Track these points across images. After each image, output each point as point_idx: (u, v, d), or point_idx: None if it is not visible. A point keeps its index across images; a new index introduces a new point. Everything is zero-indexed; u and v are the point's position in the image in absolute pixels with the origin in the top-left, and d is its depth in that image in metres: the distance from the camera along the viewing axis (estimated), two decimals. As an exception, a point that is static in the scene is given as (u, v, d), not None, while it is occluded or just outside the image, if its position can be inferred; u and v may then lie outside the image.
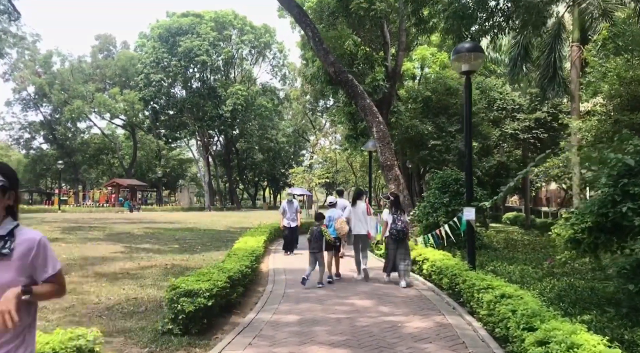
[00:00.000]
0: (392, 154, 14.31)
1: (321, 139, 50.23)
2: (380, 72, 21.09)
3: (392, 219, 8.86)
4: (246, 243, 10.69)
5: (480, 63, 7.91)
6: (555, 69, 20.11)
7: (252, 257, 8.52)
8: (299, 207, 13.84)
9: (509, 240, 13.65)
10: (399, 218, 8.82)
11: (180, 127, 52.39)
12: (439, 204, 11.65)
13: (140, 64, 49.47)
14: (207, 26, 50.79)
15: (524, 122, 25.84)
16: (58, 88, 46.47)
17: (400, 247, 8.80)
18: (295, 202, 13.88)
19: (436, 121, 22.88)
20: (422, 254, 9.76)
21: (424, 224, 12.60)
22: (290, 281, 9.04)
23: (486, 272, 7.38)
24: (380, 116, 14.73)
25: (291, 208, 13.22)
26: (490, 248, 11.72)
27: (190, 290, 5.49)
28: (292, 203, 13.40)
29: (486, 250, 11.35)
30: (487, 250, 11.46)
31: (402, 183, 14.20)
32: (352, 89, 14.50)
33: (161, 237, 16.62)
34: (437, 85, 23.66)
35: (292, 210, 13.19)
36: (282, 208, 13.33)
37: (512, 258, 9.93)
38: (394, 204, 9.08)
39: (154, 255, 11.69)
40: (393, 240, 8.85)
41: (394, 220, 8.82)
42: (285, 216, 13.09)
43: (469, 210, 7.80)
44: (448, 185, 11.96)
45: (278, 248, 13.89)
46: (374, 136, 14.46)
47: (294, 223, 13.09)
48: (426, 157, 22.58)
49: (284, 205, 13.37)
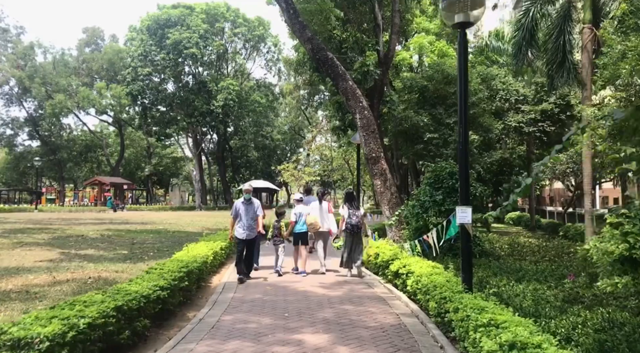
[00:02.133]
0: (378, 145, 12.29)
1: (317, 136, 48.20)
2: (372, 57, 19.07)
3: (348, 214, 9.35)
4: (192, 251, 8.69)
5: (480, 14, 5.90)
6: (565, 53, 18.08)
7: (182, 273, 6.51)
8: (260, 209, 9.02)
9: (515, 244, 11.62)
10: (354, 213, 9.35)
11: (170, 123, 50.36)
12: (431, 203, 9.63)
13: (128, 58, 47.50)
14: (198, 18, 48.79)
15: (529, 114, 23.77)
16: (39, 82, 44.36)
17: (355, 240, 9.37)
18: (256, 201, 9.10)
19: (433, 112, 20.81)
20: (406, 265, 7.75)
21: (412, 226, 10.59)
22: (237, 301, 7.07)
23: (487, 295, 5.38)
24: (364, 101, 12.71)
25: (249, 210, 8.86)
26: (493, 256, 9.69)
27: (20, 338, 3.49)
28: (250, 204, 8.88)
29: (487, 259, 9.32)
30: (489, 258, 9.43)
31: (390, 179, 12.19)
32: (332, 69, 12.49)
33: (116, 240, 14.65)
34: (434, 73, 21.60)
35: (249, 213, 8.85)
36: (234, 211, 8.96)
37: (519, 271, 7.91)
38: (349, 200, 9.58)
39: (87, 265, 9.71)
40: (349, 233, 9.36)
41: (349, 215, 9.32)
42: (237, 222, 8.86)
43: (463, 210, 5.79)
44: (442, 180, 9.95)
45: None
46: (357, 124, 12.45)
47: (252, 234, 8.87)
48: (422, 151, 20.51)
49: (237, 206, 8.93)
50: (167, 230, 18.59)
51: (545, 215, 32.65)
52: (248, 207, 8.92)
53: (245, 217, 8.88)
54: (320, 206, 10.11)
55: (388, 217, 11.92)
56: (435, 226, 9.27)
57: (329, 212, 10.19)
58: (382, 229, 17.76)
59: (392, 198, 11.88)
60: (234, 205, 9.11)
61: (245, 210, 8.90)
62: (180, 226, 21.38)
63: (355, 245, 9.34)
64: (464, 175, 5.90)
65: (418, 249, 8.61)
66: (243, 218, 8.88)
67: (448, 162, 10.49)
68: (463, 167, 5.90)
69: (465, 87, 6.09)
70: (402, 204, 12.23)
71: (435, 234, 7.87)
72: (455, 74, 21.40)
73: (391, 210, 11.76)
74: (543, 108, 23.68)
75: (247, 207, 8.91)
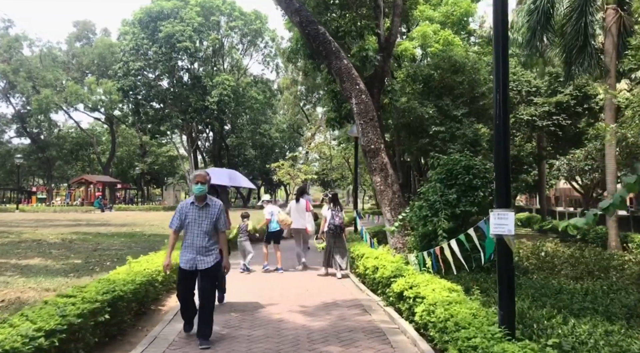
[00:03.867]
0: (378, 135, 10.41)
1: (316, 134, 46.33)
2: (371, 41, 17.16)
3: (331, 215, 9.56)
4: (142, 265, 6.83)
5: None
6: (587, 37, 16.19)
7: (97, 304, 4.63)
8: (224, 219, 5.38)
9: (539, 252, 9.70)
10: (336, 214, 9.59)
11: (163, 120, 48.47)
12: (442, 204, 7.74)
13: (120, 52, 45.62)
14: (192, 11, 46.89)
15: (542, 106, 21.90)
16: (24, 76, 42.42)
17: (337, 240, 9.51)
18: (217, 203, 5.26)
19: (439, 104, 18.92)
20: (413, 286, 5.89)
21: (419, 232, 8.69)
22: (184, 338, 5.21)
23: (542, 347, 3.49)
24: (362, 83, 10.81)
25: (203, 218, 5.17)
26: (519, 269, 7.80)
27: None
28: (206, 208, 5.20)
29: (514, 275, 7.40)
30: (516, 274, 7.52)
31: (392, 175, 10.30)
32: (324, 46, 10.61)
33: (77, 246, 12.81)
34: (440, 61, 19.70)
35: (203, 223, 5.15)
36: (175, 218, 5.25)
37: (561, 293, 6.03)
38: (332, 201, 9.86)
39: (15, 280, 7.87)
40: (331, 234, 9.51)
41: (332, 216, 9.55)
42: (185, 240, 5.21)
43: (502, 216, 3.92)
44: (456, 175, 8.06)
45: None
46: (352, 110, 10.57)
47: (207, 259, 5.12)
48: (427, 146, 18.62)
49: (181, 210, 5.24)
50: (142, 234, 16.73)
51: (554, 216, 30.75)
52: (202, 212, 5.10)
53: (196, 230, 5.06)
54: (297, 204, 10.30)
55: (389, 220, 10.04)
56: (447, 232, 7.40)
57: (307, 210, 10.37)
58: (381, 232, 15.87)
59: (394, 197, 10.00)
60: (178, 208, 5.25)
61: (196, 217, 5.10)
62: (162, 228, 19.53)
63: (336, 247, 9.49)
64: (503, 162, 4.01)
65: (428, 265, 6.72)
66: (192, 232, 5.08)
67: (463, 154, 8.59)
68: (502, 150, 4.01)
69: (504, 41, 4.19)
70: (406, 205, 10.35)
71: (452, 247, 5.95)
72: (463, 61, 19.51)
73: (393, 212, 9.88)
74: (558, 100, 21.80)
75: (199, 212, 5.11)
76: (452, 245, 5.86)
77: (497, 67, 4.11)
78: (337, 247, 9.51)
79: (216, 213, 5.20)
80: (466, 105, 18.82)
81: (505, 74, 4.10)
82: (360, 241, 11.52)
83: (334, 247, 9.49)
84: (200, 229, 5.12)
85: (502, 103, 4.05)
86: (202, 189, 5.15)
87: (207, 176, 5.27)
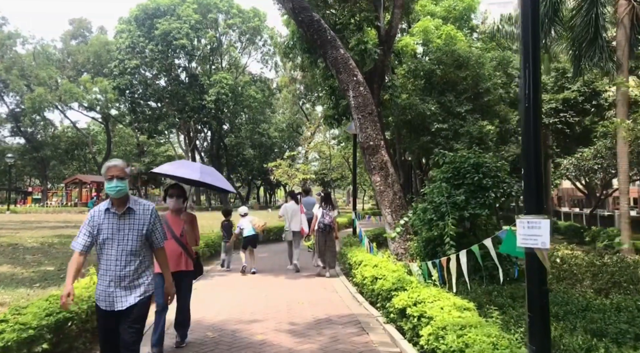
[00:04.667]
0: (378, 131, 9.58)
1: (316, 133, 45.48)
2: (371, 33, 16.31)
3: (321, 213, 9.57)
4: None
5: None
6: (597, 29, 15.39)
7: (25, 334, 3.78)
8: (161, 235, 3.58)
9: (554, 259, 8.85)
10: (326, 213, 9.56)
11: (160, 119, 47.65)
12: (448, 206, 6.91)
13: (116, 50, 44.80)
14: (189, 8, 46.06)
15: (549, 103, 21.08)
16: (17, 74, 41.59)
17: (327, 239, 9.55)
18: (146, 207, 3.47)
19: (441, 100, 18.15)
20: (418, 302, 5.06)
21: (422, 237, 7.86)
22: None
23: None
24: (360, 74, 9.97)
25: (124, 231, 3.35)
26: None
27: None
28: (128, 217, 3.38)
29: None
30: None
31: (392, 175, 9.47)
32: (319, 34, 9.78)
33: (55, 251, 11.99)
34: (442, 56, 18.87)
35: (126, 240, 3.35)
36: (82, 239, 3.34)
37: (588, 310, 5.19)
38: (324, 200, 9.81)
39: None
40: (320, 232, 9.56)
41: (322, 215, 9.55)
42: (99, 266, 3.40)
43: (533, 223, 3.08)
44: (463, 174, 7.23)
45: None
46: (350, 104, 9.74)
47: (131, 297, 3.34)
48: (428, 144, 17.84)
49: (92, 219, 3.36)
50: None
51: (560, 216, 29.88)
52: (123, 222, 3.35)
53: (114, 249, 3.32)
54: (293, 206, 10.41)
55: (390, 223, 9.21)
56: (454, 239, 6.56)
57: (301, 212, 10.50)
58: (382, 235, 15.03)
59: (395, 198, 9.17)
60: (88, 216, 3.43)
61: (114, 231, 3.34)
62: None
63: (326, 245, 9.57)
64: (534, 158, 3.17)
65: (434, 277, 5.87)
66: (109, 254, 3.33)
67: (472, 150, 7.74)
68: (532, 144, 3.17)
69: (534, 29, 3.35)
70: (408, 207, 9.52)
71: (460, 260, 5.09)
72: (467, 56, 18.68)
73: (394, 215, 9.05)
74: (565, 96, 20.96)
75: (119, 222, 3.35)
76: (461, 258, 4.98)
77: (526, 58, 3.28)
78: (327, 245, 9.59)
79: (147, 222, 3.38)
80: (470, 102, 18.04)
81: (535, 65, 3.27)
82: (359, 245, 10.70)
83: (324, 245, 9.58)
84: (121, 248, 3.29)
85: (532, 92, 3.21)
86: (119, 188, 3.26)
87: (124, 168, 3.37)
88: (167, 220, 4.86)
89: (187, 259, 4.93)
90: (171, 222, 4.90)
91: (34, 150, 46.60)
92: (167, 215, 4.95)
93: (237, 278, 9.55)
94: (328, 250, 9.60)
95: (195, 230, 5.12)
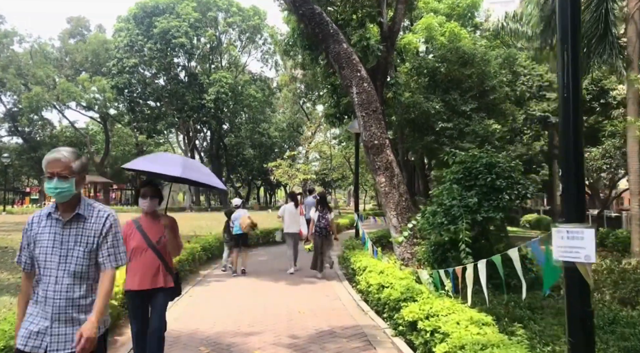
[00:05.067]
0: (382, 129, 9.13)
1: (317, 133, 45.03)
2: (373, 29, 15.87)
3: (317, 217, 9.51)
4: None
5: None
6: (607, 24, 14.93)
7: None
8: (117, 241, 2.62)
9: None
10: (323, 216, 9.48)
11: (159, 119, 47.19)
12: (460, 209, 6.45)
13: (114, 49, 44.34)
14: (189, 6, 45.59)
15: (555, 101, 20.62)
16: (13, 72, 41.11)
17: (324, 242, 9.51)
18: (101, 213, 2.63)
19: (446, 98, 17.68)
20: (430, 316, 4.61)
21: (431, 241, 7.42)
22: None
23: None
24: (364, 70, 9.52)
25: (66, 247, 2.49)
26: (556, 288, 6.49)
27: None
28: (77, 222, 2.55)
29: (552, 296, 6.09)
30: (553, 295, 6.21)
31: (398, 175, 9.03)
32: (320, 28, 9.33)
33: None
34: (447, 53, 18.41)
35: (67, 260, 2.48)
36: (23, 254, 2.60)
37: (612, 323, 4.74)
38: (320, 203, 9.70)
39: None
40: (318, 235, 9.47)
41: (319, 218, 9.49)
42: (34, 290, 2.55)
43: (574, 234, 2.62)
44: (475, 175, 6.78)
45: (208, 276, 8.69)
46: (353, 101, 9.29)
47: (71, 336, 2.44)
48: (433, 144, 17.38)
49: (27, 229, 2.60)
50: (125, 238, 15.42)
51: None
52: (67, 232, 2.52)
53: (54, 267, 2.48)
54: (292, 208, 10.28)
55: (395, 226, 8.76)
56: (468, 245, 6.11)
57: (300, 214, 10.52)
58: (384, 237, 14.59)
59: (400, 200, 8.71)
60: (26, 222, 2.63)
61: (55, 243, 2.50)
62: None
63: (324, 248, 9.59)
64: (574, 159, 2.72)
65: (447, 287, 5.41)
66: (47, 274, 2.48)
67: (484, 149, 7.29)
68: (572, 143, 2.72)
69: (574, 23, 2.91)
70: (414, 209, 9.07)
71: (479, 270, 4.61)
72: (472, 52, 18.23)
73: (400, 218, 8.60)
74: (572, 95, 20.53)
75: (62, 232, 2.52)
76: (480, 268, 4.51)
77: (564, 40, 2.84)
78: (323, 248, 9.60)
79: (97, 234, 2.55)
80: (475, 100, 17.58)
81: (575, 48, 2.83)
82: (362, 248, 10.25)
83: (321, 248, 9.53)
84: (63, 266, 2.48)
85: (571, 80, 2.77)
86: (62, 189, 2.45)
87: (70, 163, 2.50)
88: (140, 226, 4.08)
89: (166, 274, 4.04)
90: (146, 228, 4.07)
91: (32, 150, 46.14)
92: (141, 220, 4.15)
93: (234, 283, 9.11)
94: (325, 252, 9.60)
95: (177, 237, 4.18)
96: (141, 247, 4.02)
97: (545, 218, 27.43)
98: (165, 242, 4.06)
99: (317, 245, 9.48)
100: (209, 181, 4.17)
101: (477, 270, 4.56)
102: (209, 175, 4.30)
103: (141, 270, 3.98)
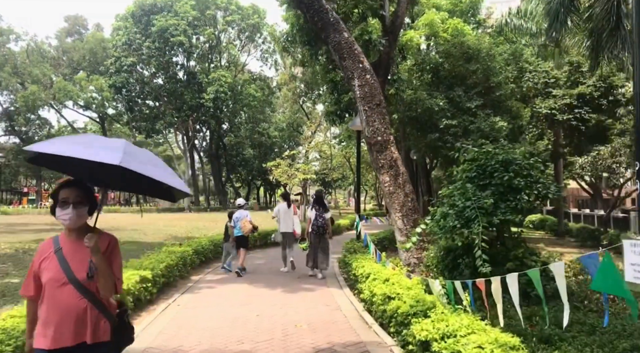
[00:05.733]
0: (386, 124, 8.50)
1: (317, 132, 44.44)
2: (374, 23, 15.26)
3: (315, 216, 9.66)
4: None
5: None
6: (619, 17, 14.27)
7: None
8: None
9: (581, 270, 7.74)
10: (320, 215, 9.66)
11: (158, 118, 46.61)
12: (474, 210, 5.83)
13: (112, 47, 43.76)
14: (187, 4, 45.03)
15: (562, 98, 19.98)
16: (9, 71, 40.52)
17: (321, 241, 9.62)
18: None
19: (450, 95, 17.03)
20: (447, 336, 3.98)
21: (441, 246, 6.79)
22: None
23: None
24: (366, 61, 8.89)
25: None
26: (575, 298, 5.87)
27: None
28: None
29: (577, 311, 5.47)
30: (576, 305, 5.59)
31: (404, 174, 8.40)
32: (319, 16, 8.71)
33: (29, 258, 10.87)
34: (451, 48, 17.79)
35: None
36: None
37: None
38: (317, 202, 9.86)
39: None
40: (314, 234, 9.61)
41: (316, 217, 9.64)
42: None
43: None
44: (491, 173, 6.15)
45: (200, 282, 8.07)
46: (355, 94, 8.66)
47: None
48: (436, 142, 16.72)
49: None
50: (117, 241, 14.82)
51: (569, 218, 28.81)
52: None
53: None
54: (286, 208, 10.31)
55: (400, 228, 8.12)
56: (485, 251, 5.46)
57: (294, 214, 10.48)
58: (387, 239, 13.97)
59: (406, 201, 8.09)
60: None
61: None
62: (141, 234, 17.65)
63: (320, 247, 9.58)
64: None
65: (466, 301, 4.77)
66: None
67: (500, 145, 6.65)
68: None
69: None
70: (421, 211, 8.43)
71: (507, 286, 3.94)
72: (477, 47, 17.60)
73: (405, 219, 7.97)
74: (580, 91, 19.84)
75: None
76: (510, 283, 3.84)
77: None
78: (320, 247, 9.61)
79: None
80: (480, 97, 16.92)
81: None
82: (364, 252, 9.61)
83: (318, 247, 9.58)
84: None
85: None
86: None
87: None
88: (60, 249, 2.50)
89: (97, 321, 2.45)
90: (68, 252, 2.49)
91: (29, 149, 45.59)
92: (60, 240, 2.55)
93: (227, 290, 8.48)
94: (322, 251, 9.63)
95: (115, 265, 2.55)
96: (58, 281, 2.42)
97: (549, 218, 26.83)
98: (97, 275, 2.42)
99: (314, 244, 9.61)
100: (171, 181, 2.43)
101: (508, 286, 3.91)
102: (163, 167, 2.55)
103: (57, 317, 2.41)
